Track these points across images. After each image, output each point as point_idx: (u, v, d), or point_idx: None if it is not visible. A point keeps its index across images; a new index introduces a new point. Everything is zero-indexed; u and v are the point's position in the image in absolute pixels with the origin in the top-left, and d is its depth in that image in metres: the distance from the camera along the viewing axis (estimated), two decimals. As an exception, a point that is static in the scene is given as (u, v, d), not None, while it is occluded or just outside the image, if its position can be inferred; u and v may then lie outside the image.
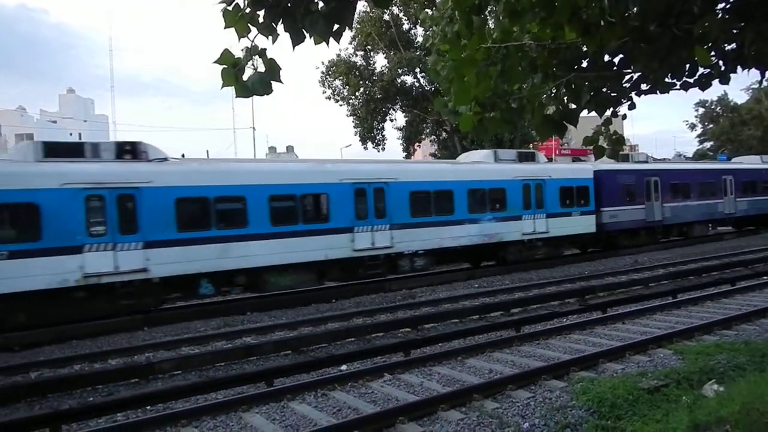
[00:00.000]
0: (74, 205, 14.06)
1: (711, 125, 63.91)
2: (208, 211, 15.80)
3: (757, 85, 59.53)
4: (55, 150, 14.69)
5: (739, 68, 4.30)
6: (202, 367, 10.48)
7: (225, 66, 2.80)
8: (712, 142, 63.25)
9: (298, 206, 17.19)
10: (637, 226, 26.26)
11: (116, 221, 14.54)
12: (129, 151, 15.42)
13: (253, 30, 2.79)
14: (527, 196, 22.09)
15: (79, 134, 74.15)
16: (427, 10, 31.11)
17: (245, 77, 2.83)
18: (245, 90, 2.84)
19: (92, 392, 9.44)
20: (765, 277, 17.00)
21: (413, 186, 19.33)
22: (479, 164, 22.16)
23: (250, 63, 2.81)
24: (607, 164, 24.47)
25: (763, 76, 4.17)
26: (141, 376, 9.95)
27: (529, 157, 23.74)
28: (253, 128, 59.77)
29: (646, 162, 28.69)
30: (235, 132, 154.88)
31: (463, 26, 3.92)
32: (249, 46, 2.78)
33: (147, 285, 14.90)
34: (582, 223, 23.94)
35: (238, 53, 2.82)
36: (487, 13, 4.11)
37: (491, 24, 4.39)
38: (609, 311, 13.25)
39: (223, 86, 2.87)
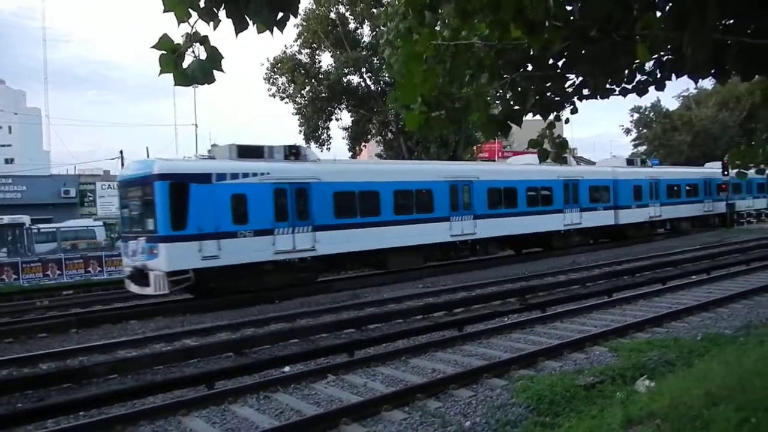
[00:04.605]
0: None
1: (645, 130, 66.66)
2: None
3: (686, 93, 62.90)
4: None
5: (674, 76, 4.47)
6: (139, 370, 10.11)
7: (164, 52, 2.69)
8: (645, 146, 66.05)
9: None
10: None
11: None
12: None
13: (194, 15, 2.68)
14: None
15: (9, 127, 70.37)
16: (376, 4, 31.11)
17: (185, 65, 2.72)
18: (184, 78, 2.72)
19: (21, 398, 8.97)
20: (693, 277, 17.82)
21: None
22: None
23: (190, 50, 2.70)
24: None
25: (696, 83, 4.36)
26: (74, 380, 9.53)
27: None
28: (195, 125, 58.58)
29: None
30: (176, 129, 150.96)
31: (416, 23, 3.93)
32: (189, 33, 2.67)
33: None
34: None
35: (179, 40, 2.70)
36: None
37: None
38: (548, 310, 13.57)
39: (161, 73, 2.74)
